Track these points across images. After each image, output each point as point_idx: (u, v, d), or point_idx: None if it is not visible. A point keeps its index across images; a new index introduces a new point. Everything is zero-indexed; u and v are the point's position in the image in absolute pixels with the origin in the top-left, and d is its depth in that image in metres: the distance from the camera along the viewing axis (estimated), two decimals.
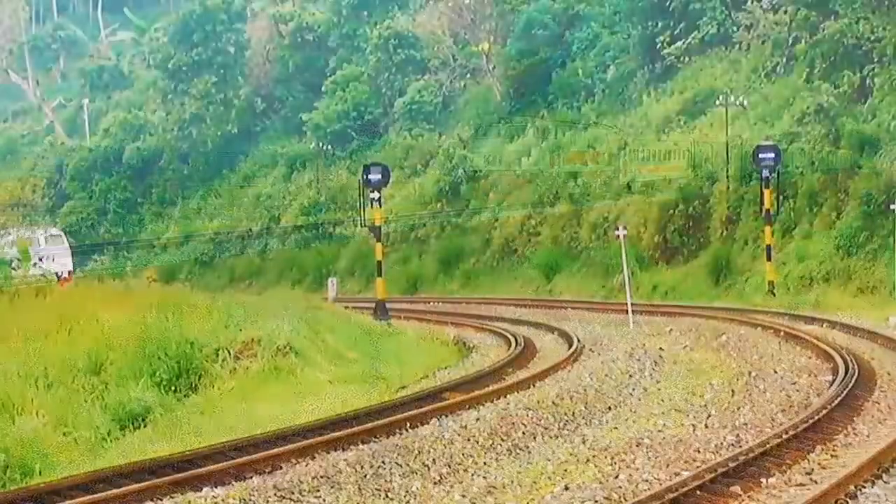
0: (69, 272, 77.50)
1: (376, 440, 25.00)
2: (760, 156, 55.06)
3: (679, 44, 77.33)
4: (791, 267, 56.13)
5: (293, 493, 20.84)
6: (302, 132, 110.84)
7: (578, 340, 41.12)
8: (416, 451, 23.86)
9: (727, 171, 63.95)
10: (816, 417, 24.04)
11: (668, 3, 77.60)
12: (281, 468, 22.67)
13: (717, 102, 67.52)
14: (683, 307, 54.32)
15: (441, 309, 66.76)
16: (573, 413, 28.46)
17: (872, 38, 55.25)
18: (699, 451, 22.32)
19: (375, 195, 57.10)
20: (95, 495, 20.88)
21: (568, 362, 36.12)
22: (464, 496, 21.17)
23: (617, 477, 20.74)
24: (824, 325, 41.41)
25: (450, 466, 23.67)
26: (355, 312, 53.75)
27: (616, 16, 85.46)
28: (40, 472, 28.10)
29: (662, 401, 30.37)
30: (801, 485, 19.46)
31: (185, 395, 38.34)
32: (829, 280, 53.33)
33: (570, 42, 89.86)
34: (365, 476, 22.24)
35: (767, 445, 21.61)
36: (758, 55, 71.50)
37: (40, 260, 71.54)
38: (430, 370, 40.35)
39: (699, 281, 62.07)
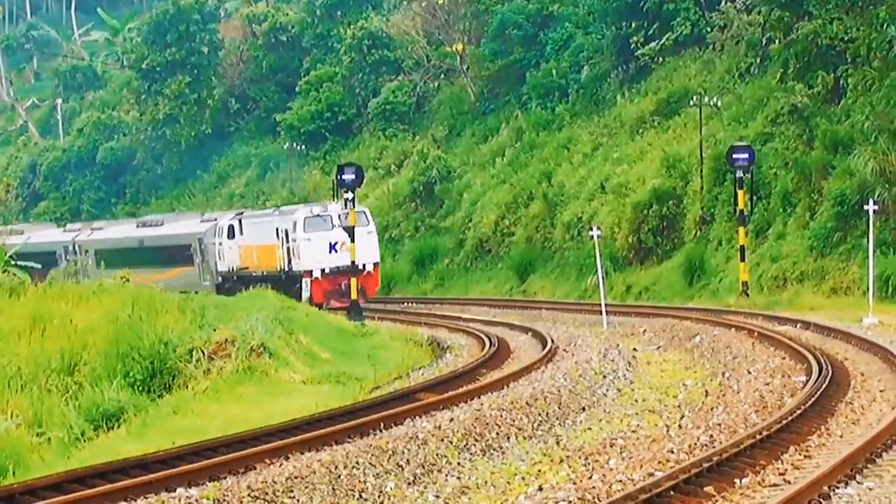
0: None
1: (350, 441, 25.03)
2: (734, 156, 55.12)
3: (653, 44, 77.33)
4: (765, 267, 56.24)
5: (267, 493, 20.85)
6: (276, 132, 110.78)
7: (552, 341, 41.14)
8: (390, 452, 23.87)
9: (701, 171, 64.02)
10: (790, 418, 24.11)
11: (641, 4, 77.58)
12: (255, 468, 22.68)
13: (691, 103, 67.51)
14: (657, 308, 54.46)
15: (415, 309, 67.04)
16: (547, 413, 28.51)
17: (846, 38, 55.35)
18: (673, 452, 22.35)
19: (349, 195, 57.34)
20: (69, 495, 20.87)
21: (542, 363, 36.16)
22: (437, 496, 21.21)
23: (591, 477, 20.78)
24: (798, 326, 41.51)
25: (423, 467, 23.70)
26: (329, 313, 53.77)
27: (590, 16, 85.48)
28: (14, 473, 28.06)
29: (636, 401, 30.46)
30: (775, 485, 19.51)
31: (158, 396, 38.33)
32: (802, 281, 53.44)
33: (543, 42, 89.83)
34: (339, 477, 22.25)
35: (741, 446, 21.66)
36: (732, 56, 71.61)
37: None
38: (403, 370, 40.44)
39: (673, 282, 62.15)
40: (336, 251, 64.37)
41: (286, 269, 67.06)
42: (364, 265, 64.37)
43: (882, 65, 52.40)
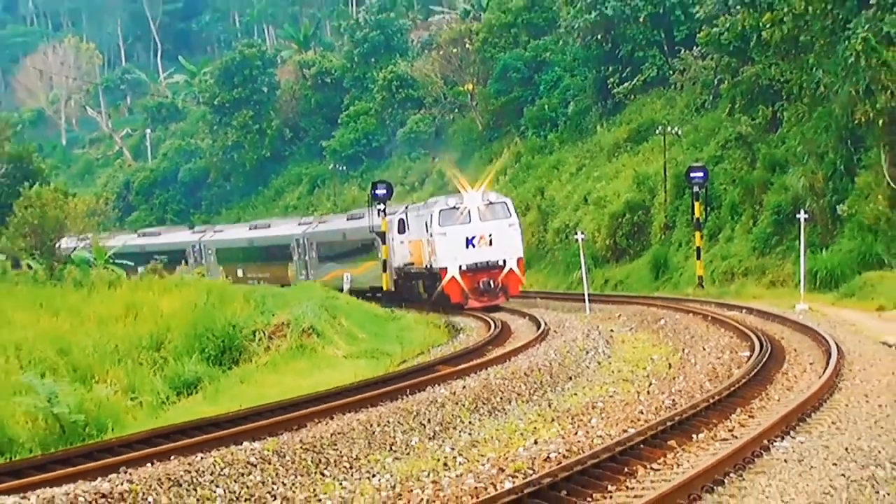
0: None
1: (382, 404, 25.01)
2: (692, 175, 55.00)
3: (626, 84, 77.30)
4: (716, 264, 56.13)
5: (315, 446, 20.84)
6: (322, 156, 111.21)
7: (545, 324, 41.06)
8: (415, 413, 23.86)
9: (665, 187, 63.95)
10: (737, 386, 24.08)
11: (617, 52, 77.55)
12: (305, 426, 22.69)
13: (657, 132, 67.49)
14: (629, 297, 54.35)
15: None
16: (541, 382, 28.48)
17: (782, 79, 55.23)
18: (642, 413, 22.33)
19: (381, 207, 56.93)
20: (156, 448, 20.90)
21: (537, 341, 36.07)
22: (453, 448, 21.19)
23: (576, 433, 20.76)
24: (743, 312, 41.41)
25: (441, 425, 23.69)
26: (365, 301, 53.74)
27: (575, 62, 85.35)
28: (112, 429, 28.10)
29: (613, 372, 30.41)
30: (725, 439, 19.49)
31: (228, 368, 38.42)
32: (747, 275, 53.32)
33: (537, 83, 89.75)
34: (373, 433, 22.25)
35: (697, 408, 21.64)
36: (689, 93, 71.48)
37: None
38: (425, 347, 40.39)
39: (642, 276, 62.07)
40: (474, 246, 52.40)
41: (429, 265, 54.21)
42: (504, 261, 52.64)
43: (811, 101, 52.27)
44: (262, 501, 18.12)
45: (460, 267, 52.08)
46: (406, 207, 60.30)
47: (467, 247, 52.20)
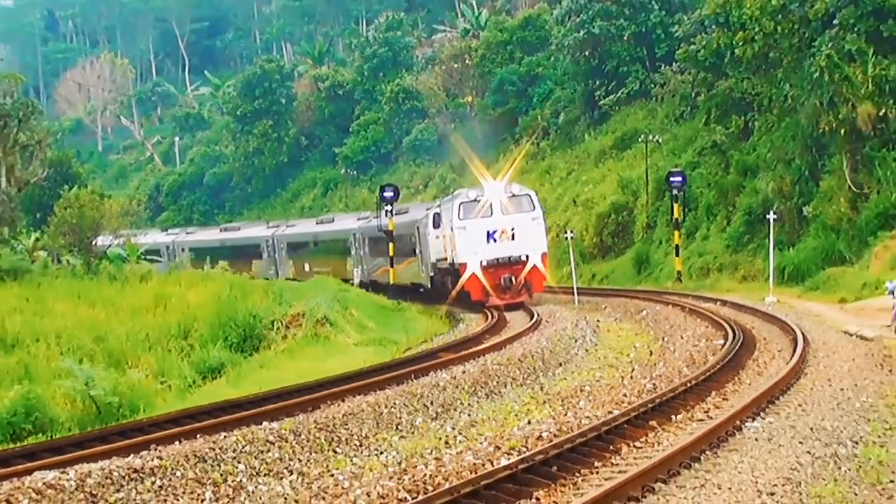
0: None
1: (389, 387, 25.02)
2: (671, 179, 54.91)
3: (611, 97, 77.32)
4: (693, 260, 56.10)
5: (328, 425, 20.86)
6: (334, 161, 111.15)
7: (538, 315, 41.04)
8: (419, 395, 23.88)
9: (647, 190, 63.92)
10: (712, 371, 24.07)
11: (603, 67, 77.58)
12: (319, 408, 22.69)
13: (640, 140, 67.44)
14: (614, 290, 54.33)
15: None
16: (534, 368, 28.50)
17: (753, 92, 55.22)
18: (626, 396, 22.33)
19: (388, 208, 56.74)
20: (184, 427, 20.92)
21: (530, 331, 36.05)
22: (454, 428, 21.21)
23: (566, 414, 20.76)
24: (718, 303, 41.39)
25: (443, 406, 23.71)
26: (373, 294, 53.70)
27: (565, 76, 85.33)
28: (144, 410, 28.17)
29: (599, 359, 30.43)
30: (701, 420, 19.49)
31: (249, 354, 38.51)
32: (721, 270, 53.30)
33: (531, 95, 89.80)
34: (381, 413, 22.27)
35: (676, 391, 21.65)
36: (669, 105, 71.44)
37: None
38: (428, 336, 40.39)
39: (626, 271, 62.08)
40: (495, 240, 46.05)
41: (452, 260, 47.74)
42: (527, 256, 46.38)
43: (779, 112, 52.31)
44: (280, 476, 18.14)
45: (481, 262, 46.07)
46: (440, 201, 53.85)
47: (488, 241, 46.08)
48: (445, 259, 48.80)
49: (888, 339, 28.40)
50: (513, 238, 46.21)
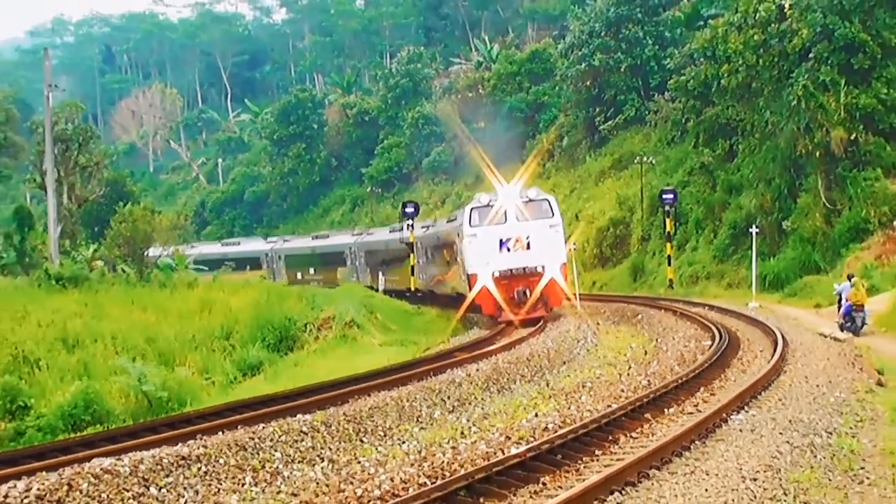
0: None
1: (410, 383, 25.01)
2: (664, 196, 54.95)
3: (610, 122, 77.44)
4: (684, 269, 56.08)
5: (356, 418, 20.88)
6: (361, 181, 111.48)
7: (543, 319, 40.98)
8: (437, 391, 23.88)
9: (642, 206, 63.96)
10: (701, 369, 24.03)
11: (602, 96, 77.71)
12: (348, 402, 22.69)
13: (636, 161, 67.52)
14: (612, 296, 54.22)
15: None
16: (540, 366, 28.48)
17: (737, 118, 55.23)
18: (623, 391, 22.30)
19: (410, 222, 56.71)
20: (226, 419, 20.94)
21: (536, 333, 35.96)
22: (468, 420, 21.19)
23: (570, 408, 20.73)
24: (706, 308, 41.34)
25: (459, 401, 23.71)
26: (396, 299, 53.71)
27: (568, 104, 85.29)
28: (190, 404, 28.22)
29: (599, 358, 30.37)
30: (691, 413, 19.46)
31: (284, 354, 38.54)
32: (709, 278, 53.27)
33: (538, 121, 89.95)
34: (403, 407, 22.27)
35: (668, 387, 21.62)
36: (662, 130, 71.44)
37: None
38: (445, 337, 40.31)
39: (623, 279, 62.04)
40: (509, 249, 38.24)
41: (464, 269, 40.21)
42: (543, 267, 38.49)
43: (761, 136, 52.27)
44: (313, 463, 18.16)
45: (493, 273, 38.52)
46: (470, 208, 41.41)
47: (501, 250, 38.45)
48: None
49: (858, 340, 28.38)
50: (528, 247, 38.60)
